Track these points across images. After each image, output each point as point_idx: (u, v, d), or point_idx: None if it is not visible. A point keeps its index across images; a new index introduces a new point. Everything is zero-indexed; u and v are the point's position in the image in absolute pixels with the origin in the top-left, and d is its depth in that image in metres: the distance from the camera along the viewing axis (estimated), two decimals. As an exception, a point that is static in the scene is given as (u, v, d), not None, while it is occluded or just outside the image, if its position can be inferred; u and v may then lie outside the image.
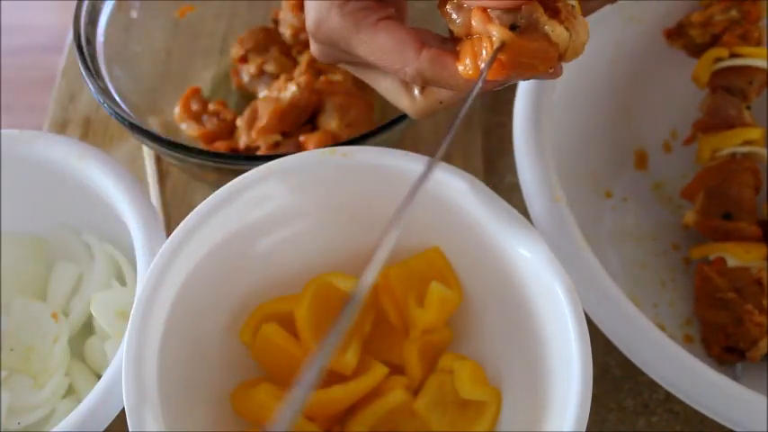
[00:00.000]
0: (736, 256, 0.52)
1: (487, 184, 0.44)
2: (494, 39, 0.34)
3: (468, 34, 0.36)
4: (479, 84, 0.35)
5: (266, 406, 0.43)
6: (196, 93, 0.61)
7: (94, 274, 0.51)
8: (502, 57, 0.34)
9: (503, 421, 0.44)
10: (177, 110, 0.61)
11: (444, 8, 0.37)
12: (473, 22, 0.35)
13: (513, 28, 0.34)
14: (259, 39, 0.64)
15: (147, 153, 0.63)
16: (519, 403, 0.43)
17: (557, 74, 0.36)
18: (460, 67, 0.36)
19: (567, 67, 0.49)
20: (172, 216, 0.60)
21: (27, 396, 0.48)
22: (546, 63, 0.35)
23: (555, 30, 0.34)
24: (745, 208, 0.54)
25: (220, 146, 0.58)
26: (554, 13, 0.35)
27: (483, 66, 0.35)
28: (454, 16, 0.36)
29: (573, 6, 0.35)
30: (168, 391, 0.40)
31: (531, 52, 0.34)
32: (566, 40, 0.34)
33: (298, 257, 0.47)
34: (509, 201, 0.43)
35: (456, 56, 0.36)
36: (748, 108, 0.57)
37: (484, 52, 0.35)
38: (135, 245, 0.45)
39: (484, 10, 0.35)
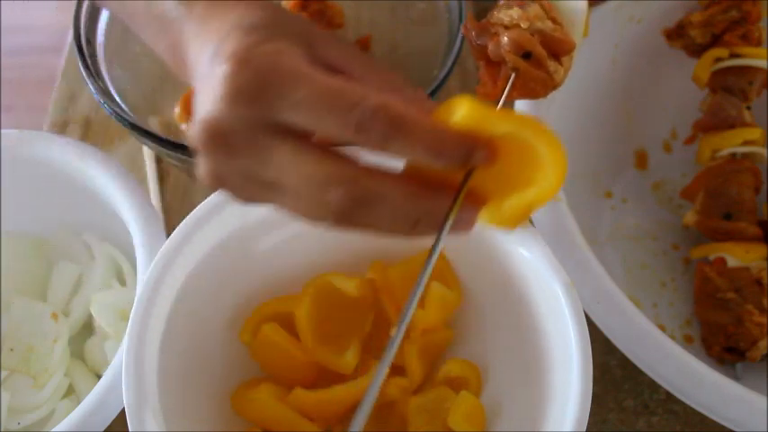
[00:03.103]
0: (737, 256, 0.52)
1: (487, 184, 0.44)
2: (509, 65, 0.39)
3: (486, 59, 0.41)
4: (502, 100, 0.39)
5: (266, 406, 0.43)
6: (196, 93, 0.61)
7: (95, 274, 0.52)
8: (516, 81, 0.39)
9: (503, 421, 0.44)
10: (177, 110, 0.60)
11: (467, 30, 0.41)
12: (489, 47, 0.40)
13: (525, 56, 0.40)
14: (259, 39, 0.64)
15: (147, 153, 0.63)
16: (519, 403, 0.43)
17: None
18: (480, 88, 0.41)
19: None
20: (172, 216, 0.60)
21: (27, 396, 0.48)
22: (546, 90, 0.41)
23: (553, 65, 0.40)
24: (746, 208, 0.54)
25: (220, 146, 0.58)
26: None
27: (506, 87, 0.40)
28: (476, 39, 0.41)
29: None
30: (168, 391, 0.40)
31: (538, 79, 0.40)
32: (560, 73, 0.41)
33: (298, 257, 0.47)
34: (509, 201, 0.43)
35: None
36: (748, 108, 0.56)
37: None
38: (135, 245, 0.45)
39: (498, 42, 0.40)
